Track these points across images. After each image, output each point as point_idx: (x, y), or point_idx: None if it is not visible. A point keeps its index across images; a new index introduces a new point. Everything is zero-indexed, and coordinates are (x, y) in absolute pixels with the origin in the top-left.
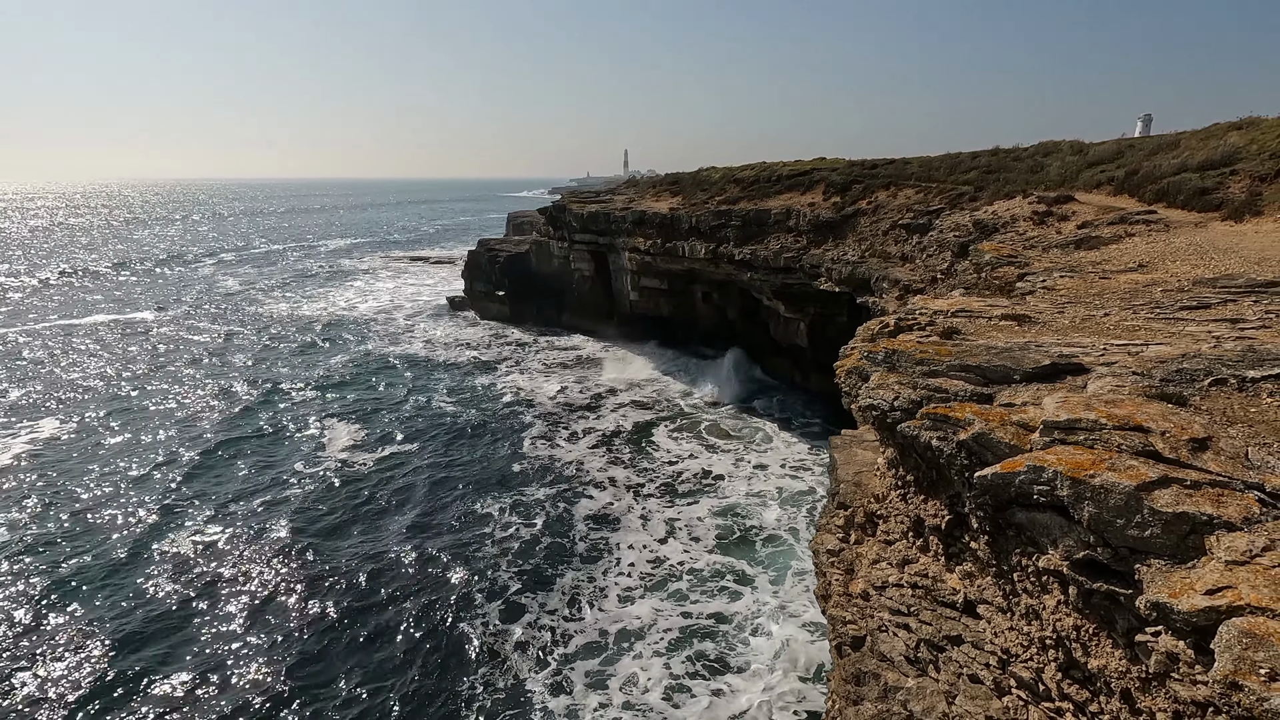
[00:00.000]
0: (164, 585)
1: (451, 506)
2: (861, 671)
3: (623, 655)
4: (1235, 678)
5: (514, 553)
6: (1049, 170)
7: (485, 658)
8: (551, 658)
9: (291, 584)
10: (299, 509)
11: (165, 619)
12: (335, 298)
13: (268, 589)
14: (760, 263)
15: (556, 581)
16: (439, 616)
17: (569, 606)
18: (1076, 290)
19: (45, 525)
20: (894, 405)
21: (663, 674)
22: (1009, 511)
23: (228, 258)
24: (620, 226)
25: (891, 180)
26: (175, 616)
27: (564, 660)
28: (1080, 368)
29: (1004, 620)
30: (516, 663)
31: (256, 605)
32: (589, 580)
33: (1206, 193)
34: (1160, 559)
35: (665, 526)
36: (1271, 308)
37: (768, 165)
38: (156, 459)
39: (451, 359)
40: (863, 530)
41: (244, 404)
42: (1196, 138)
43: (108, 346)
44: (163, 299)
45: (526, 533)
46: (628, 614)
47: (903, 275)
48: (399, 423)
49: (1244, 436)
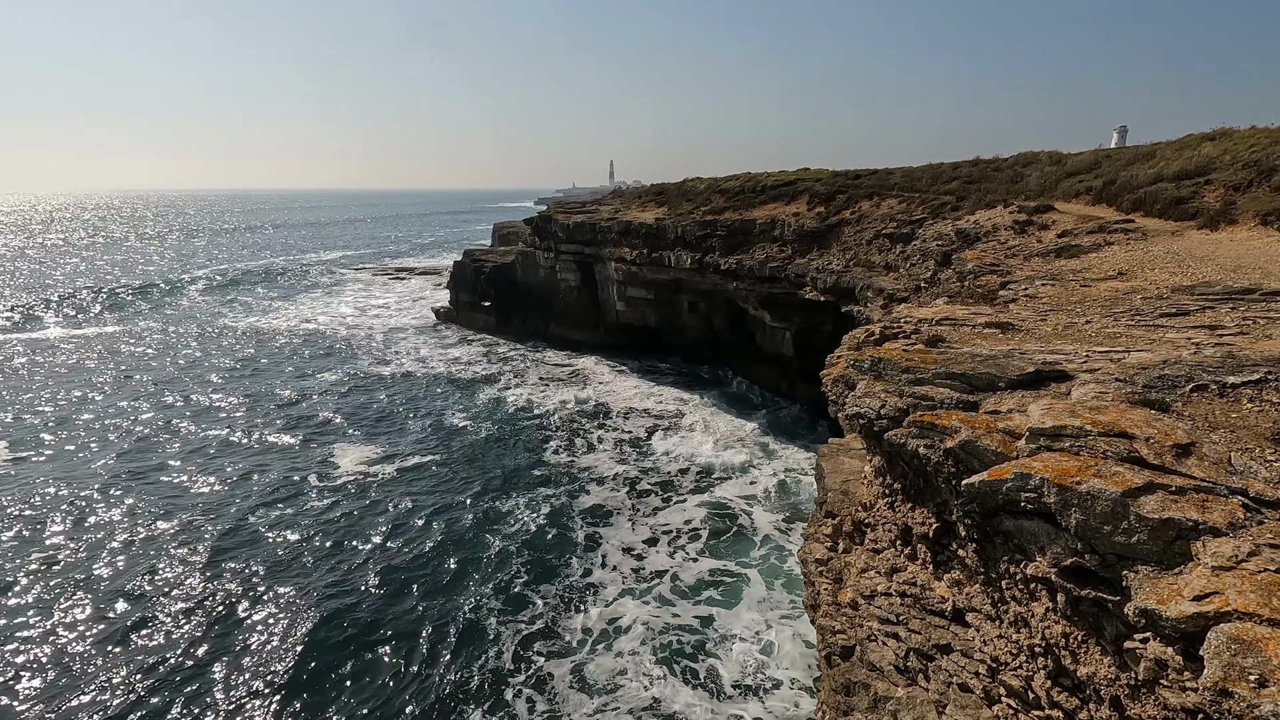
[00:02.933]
0: (182, 591)
1: (448, 522)
2: (851, 681)
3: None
4: (1225, 684)
5: (521, 549)
6: (1029, 180)
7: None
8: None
9: (304, 587)
10: (302, 519)
11: (186, 623)
12: (318, 310)
13: (284, 595)
14: (746, 272)
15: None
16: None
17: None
18: (1058, 298)
19: (38, 537)
20: (880, 413)
21: (653, 672)
22: (996, 519)
23: (215, 277)
24: (606, 237)
25: (875, 190)
26: (197, 623)
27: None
28: (1064, 374)
29: (993, 628)
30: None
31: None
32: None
33: (1182, 202)
34: (1147, 565)
35: (650, 530)
36: (1249, 314)
37: (752, 176)
38: (183, 479)
39: (437, 373)
40: (851, 539)
41: (242, 421)
42: (1172, 148)
43: (89, 360)
44: (159, 328)
45: (529, 538)
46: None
47: (887, 284)
48: (386, 438)
49: (1226, 442)
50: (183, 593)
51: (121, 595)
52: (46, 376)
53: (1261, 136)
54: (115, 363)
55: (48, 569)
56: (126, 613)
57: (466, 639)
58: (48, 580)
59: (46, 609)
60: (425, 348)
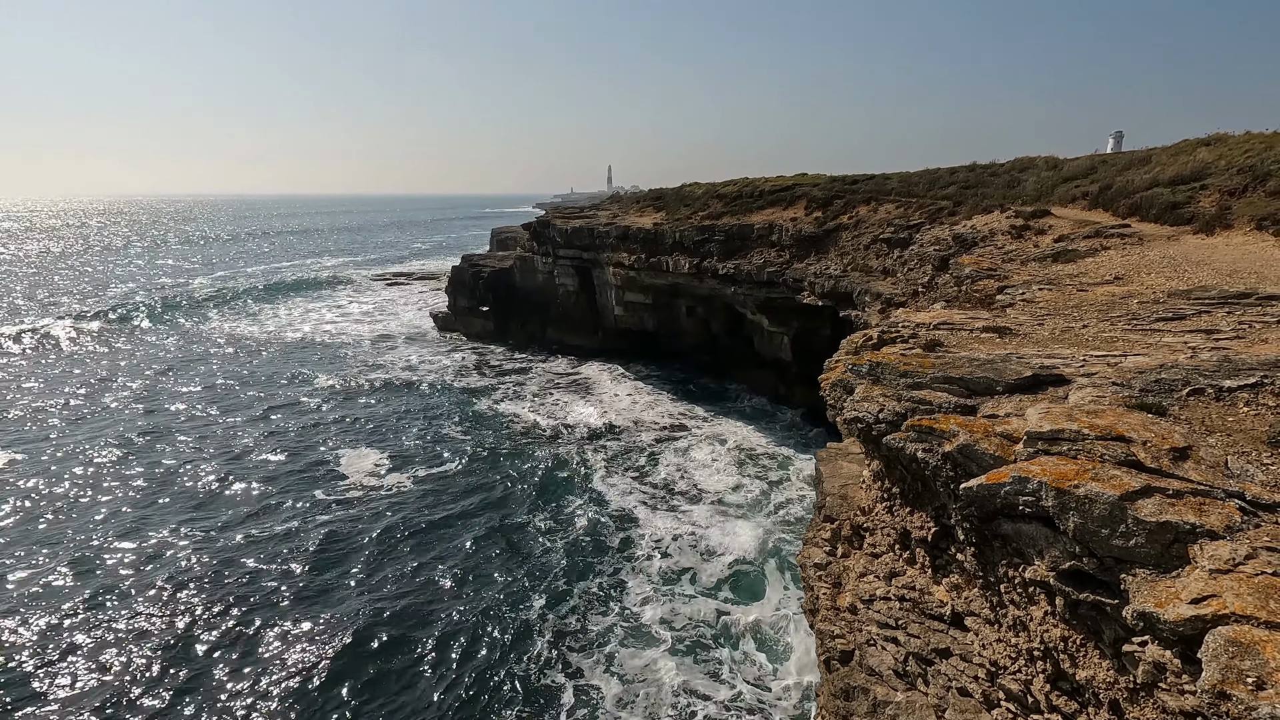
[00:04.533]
0: (204, 603)
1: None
2: (850, 686)
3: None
4: (1223, 687)
5: (540, 559)
6: (1025, 185)
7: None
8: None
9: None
10: (300, 530)
11: (206, 631)
12: (316, 316)
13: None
14: (744, 277)
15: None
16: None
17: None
18: (1055, 302)
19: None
20: (879, 417)
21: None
22: (995, 523)
23: (214, 285)
24: (604, 241)
25: (872, 195)
26: (211, 630)
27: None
28: (1061, 379)
29: (992, 632)
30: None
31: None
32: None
33: (1178, 207)
34: (1145, 568)
35: (657, 534)
36: (1245, 318)
37: (750, 181)
38: (189, 484)
39: (433, 379)
40: (849, 543)
41: (252, 432)
42: (1167, 154)
43: (80, 361)
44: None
45: (535, 549)
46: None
47: (885, 289)
48: (379, 447)
49: (1223, 445)
50: (195, 602)
51: (123, 603)
52: (22, 381)
53: (1256, 142)
54: (114, 370)
55: (30, 587)
56: (129, 626)
57: (472, 660)
58: (35, 594)
59: (34, 623)
60: (423, 353)
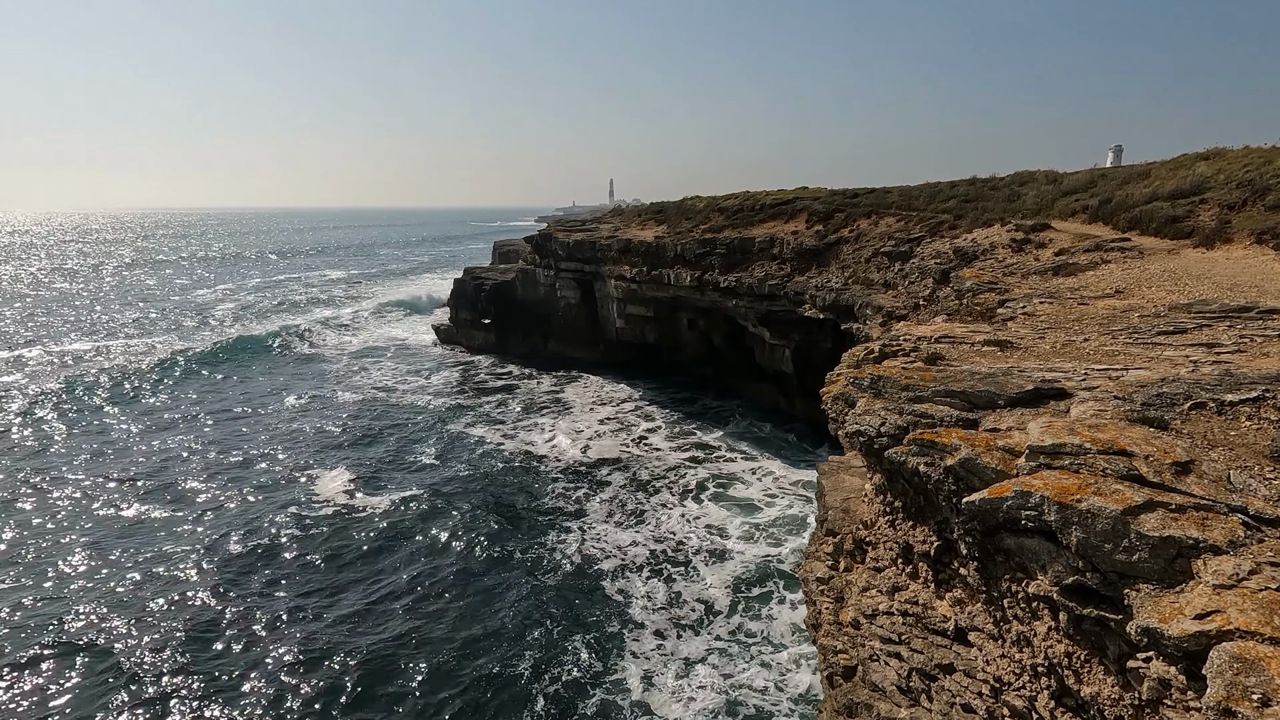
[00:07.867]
0: (209, 618)
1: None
2: (853, 702)
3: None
4: (1228, 704)
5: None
6: (1025, 199)
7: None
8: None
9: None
10: (281, 548)
11: (209, 636)
12: (317, 328)
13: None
14: (745, 290)
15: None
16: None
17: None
18: (1056, 316)
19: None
20: (880, 431)
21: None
22: (997, 537)
23: (216, 295)
24: (606, 254)
25: (873, 209)
26: (218, 637)
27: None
28: (1062, 392)
29: (995, 647)
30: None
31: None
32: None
33: (1178, 220)
34: (1149, 584)
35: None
36: (1246, 332)
37: (751, 194)
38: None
39: (433, 394)
40: (852, 557)
41: (247, 451)
42: (1166, 168)
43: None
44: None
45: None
46: None
47: (886, 302)
48: (367, 465)
49: (1225, 459)
50: (176, 621)
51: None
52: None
53: (1255, 156)
54: (112, 378)
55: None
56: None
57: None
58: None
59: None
60: (424, 365)
